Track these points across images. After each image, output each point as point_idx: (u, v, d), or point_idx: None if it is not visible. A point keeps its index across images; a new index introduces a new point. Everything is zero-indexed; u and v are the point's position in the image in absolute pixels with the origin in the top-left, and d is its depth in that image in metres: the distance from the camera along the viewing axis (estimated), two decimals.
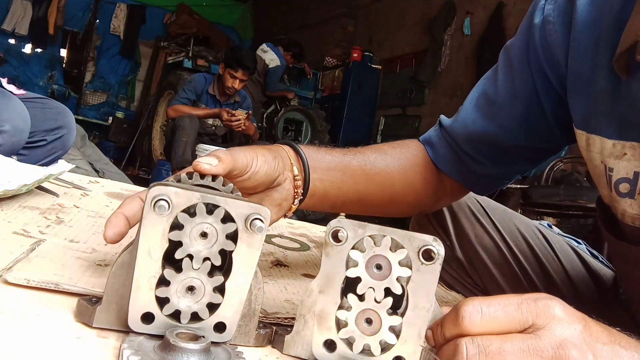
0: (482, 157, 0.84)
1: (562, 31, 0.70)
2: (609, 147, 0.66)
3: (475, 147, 0.83)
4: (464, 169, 0.86)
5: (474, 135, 0.82)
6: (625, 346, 0.44)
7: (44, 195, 0.96)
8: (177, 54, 7.03)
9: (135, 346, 0.41)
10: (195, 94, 4.51)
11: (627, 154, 0.65)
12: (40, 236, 0.69)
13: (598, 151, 0.68)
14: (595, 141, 0.68)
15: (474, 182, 0.89)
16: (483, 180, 0.88)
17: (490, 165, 0.85)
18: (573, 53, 0.69)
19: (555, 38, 0.71)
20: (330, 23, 8.56)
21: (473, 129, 0.82)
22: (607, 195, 0.71)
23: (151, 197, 0.42)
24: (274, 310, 0.59)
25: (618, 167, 0.66)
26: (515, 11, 5.54)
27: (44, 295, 0.50)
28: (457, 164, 0.86)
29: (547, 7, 0.72)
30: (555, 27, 0.71)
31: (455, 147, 0.85)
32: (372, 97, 7.63)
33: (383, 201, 0.82)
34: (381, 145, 0.86)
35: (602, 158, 0.68)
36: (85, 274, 0.57)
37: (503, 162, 0.85)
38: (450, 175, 0.87)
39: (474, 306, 0.42)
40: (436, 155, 0.87)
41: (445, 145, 0.86)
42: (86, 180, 1.27)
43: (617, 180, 0.67)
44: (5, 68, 8.40)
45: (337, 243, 0.46)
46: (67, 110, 1.85)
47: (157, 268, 0.44)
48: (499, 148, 0.83)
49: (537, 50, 0.74)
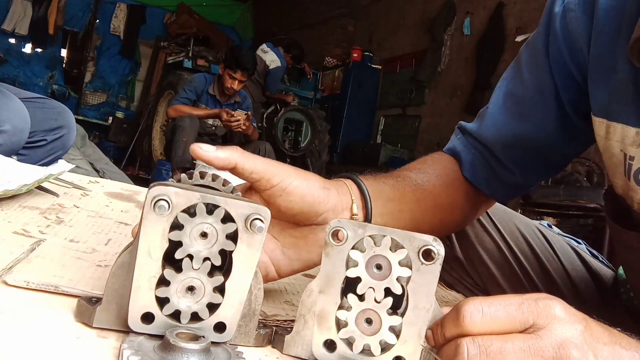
0: (514, 164, 0.81)
1: (584, 19, 0.69)
2: (631, 135, 0.65)
3: (508, 153, 0.81)
4: (493, 177, 0.83)
5: (508, 138, 0.80)
6: (626, 346, 0.44)
7: (44, 195, 0.96)
8: (177, 54, 7.03)
9: (135, 346, 0.41)
10: (195, 94, 4.51)
11: None
12: (40, 236, 0.69)
13: (619, 139, 0.67)
14: (617, 129, 0.67)
15: (501, 192, 0.86)
16: (508, 190, 0.86)
17: (519, 173, 0.82)
18: (595, 40, 0.68)
19: (576, 26, 0.70)
20: (330, 23, 8.56)
21: (505, 131, 0.80)
22: (623, 186, 0.70)
23: (151, 197, 0.42)
24: (273, 313, 0.59)
25: (639, 156, 0.65)
26: (515, 11, 5.54)
27: (44, 295, 0.50)
28: (486, 172, 0.83)
29: None
30: (577, 14, 0.70)
31: (486, 154, 0.82)
32: (372, 97, 7.64)
33: (435, 224, 0.77)
34: (416, 164, 0.82)
35: (623, 146, 0.67)
36: (86, 274, 0.57)
37: (532, 169, 0.83)
38: (479, 185, 0.84)
39: (474, 306, 0.42)
40: (464, 164, 0.84)
41: (473, 152, 0.83)
42: (86, 180, 1.27)
43: (638, 169, 0.66)
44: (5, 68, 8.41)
45: (337, 243, 0.46)
46: (67, 110, 1.85)
47: (157, 268, 0.44)
48: (532, 152, 0.80)
49: (557, 39, 0.73)
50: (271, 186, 0.55)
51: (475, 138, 0.84)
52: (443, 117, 6.43)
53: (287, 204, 0.56)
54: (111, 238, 0.76)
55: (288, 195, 0.55)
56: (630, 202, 0.69)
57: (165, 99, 6.33)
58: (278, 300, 0.65)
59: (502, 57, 5.66)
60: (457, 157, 0.85)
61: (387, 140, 7.23)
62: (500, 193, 0.86)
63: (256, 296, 0.48)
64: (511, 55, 5.64)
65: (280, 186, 0.55)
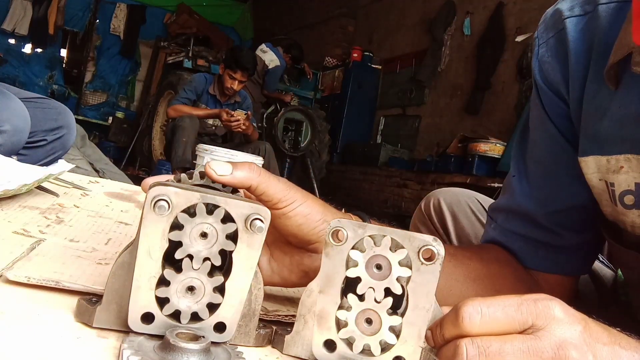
0: (559, 225, 0.76)
1: (559, 68, 0.73)
2: (604, 163, 0.67)
3: (551, 217, 0.76)
4: (546, 252, 0.77)
5: (546, 201, 0.76)
6: (625, 347, 0.44)
7: (44, 195, 0.96)
8: (177, 54, 7.03)
9: (135, 346, 0.41)
10: (195, 94, 4.52)
11: (623, 167, 0.66)
12: (41, 236, 0.69)
13: (594, 171, 0.69)
14: (588, 162, 0.69)
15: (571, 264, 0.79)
16: (579, 254, 0.79)
17: (570, 234, 0.77)
18: (572, 83, 0.71)
19: (554, 76, 0.74)
20: (330, 23, 8.56)
21: (541, 195, 0.77)
22: (611, 212, 0.71)
23: (151, 197, 0.42)
24: (274, 308, 0.59)
25: (619, 181, 0.67)
26: (515, 11, 5.54)
27: (44, 295, 0.50)
28: (537, 251, 0.78)
29: (540, 50, 0.75)
30: (551, 65, 0.74)
31: (527, 227, 0.78)
32: (372, 97, 7.64)
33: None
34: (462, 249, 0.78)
35: (601, 176, 0.69)
36: (86, 272, 0.57)
37: (581, 225, 0.77)
38: (545, 270, 0.78)
39: (473, 307, 0.42)
40: (519, 254, 0.78)
41: (516, 238, 0.78)
42: (86, 180, 1.27)
43: (621, 193, 0.67)
44: (5, 68, 8.41)
45: (337, 243, 0.46)
46: (67, 110, 1.85)
47: (157, 268, 0.44)
48: (575, 207, 0.76)
49: (544, 90, 0.75)
50: (277, 208, 0.54)
51: (513, 213, 0.80)
52: (443, 117, 6.44)
53: (283, 226, 0.56)
54: (111, 238, 0.76)
55: (287, 219, 0.55)
56: (623, 225, 0.70)
57: (165, 99, 6.33)
58: (278, 297, 0.66)
59: (502, 57, 5.67)
60: (505, 248, 0.80)
61: (387, 140, 7.23)
62: (569, 266, 0.79)
63: (256, 296, 0.48)
64: (511, 55, 5.66)
65: (284, 210, 0.55)
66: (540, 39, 0.76)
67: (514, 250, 0.79)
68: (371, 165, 6.74)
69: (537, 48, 0.76)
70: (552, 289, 0.78)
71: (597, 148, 0.68)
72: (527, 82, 5.23)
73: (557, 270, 0.79)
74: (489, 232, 0.83)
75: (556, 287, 0.78)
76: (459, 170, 5.27)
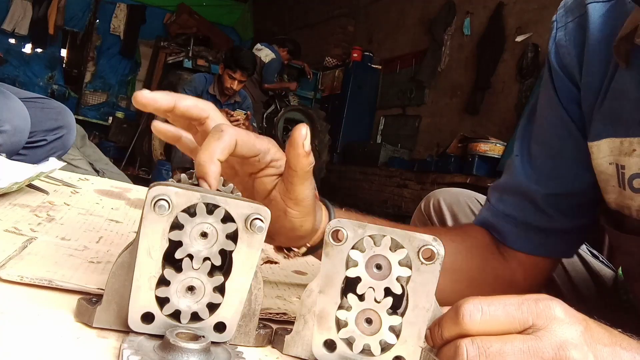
0: (556, 210, 0.78)
1: (576, 52, 0.73)
2: (617, 145, 0.68)
3: (549, 199, 0.77)
4: (536, 235, 0.79)
5: (547, 183, 0.77)
6: (626, 347, 0.44)
7: (34, 193, 0.95)
8: (177, 54, 7.03)
9: (135, 346, 0.41)
10: (195, 94, 4.52)
11: (636, 150, 0.66)
12: (32, 234, 0.69)
13: (606, 154, 0.69)
14: (601, 146, 0.70)
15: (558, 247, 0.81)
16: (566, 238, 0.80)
17: (565, 218, 0.78)
18: (586, 69, 0.72)
19: (570, 60, 0.74)
20: (330, 23, 8.56)
21: (543, 177, 0.78)
22: (616, 199, 0.71)
23: (151, 197, 0.42)
24: (265, 306, 0.59)
25: (630, 164, 0.67)
26: (515, 11, 5.54)
27: (44, 295, 0.50)
28: (527, 234, 0.79)
29: (558, 34, 0.76)
30: (568, 49, 0.74)
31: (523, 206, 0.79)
32: (372, 97, 7.64)
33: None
34: (439, 230, 0.80)
35: (612, 159, 0.69)
36: (78, 270, 0.57)
37: (579, 211, 0.78)
38: (532, 251, 0.79)
39: (474, 305, 0.42)
40: (508, 236, 0.80)
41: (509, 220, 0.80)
42: (76, 177, 1.26)
43: (631, 177, 0.67)
44: (5, 68, 8.41)
45: (337, 243, 0.46)
46: (67, 110, 1.85)
47: (157, 268, 0.44)
48: (576, 193, 0.77)
49: (558, 73, 0.76)
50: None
51: (508, 192, 0.81)
52: (443, 117, 6.44)
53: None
54: (102, 236, 0.76)
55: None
56: (628, 211, 0.70)
57: None
58: (269, 295, 0.65)
59: (502, 57, 5.67)
60: (493, 229, 0.81)
61: (387, 140, 7.23)
62: (556, 249, 0.81)
63: (256, 296, 0.48)
64: (511, 55, 5.66)
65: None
66: (559, 22, 0.76)
67: (503, 232, 0.80)
68: (371, 165, 6.74)
69: (554, 31, 0.76)
70: (525, 270, 0.80)
71: (612, 130, 0.68)
72: (527, 82, 5.23)
73: (540, 252, 0.80)
74: (482, 213, 0.85)
75: (531, 268, 0.80)
76: (459, 170, 5.27)
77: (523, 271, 0.80)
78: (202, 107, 0.54)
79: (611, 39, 0.68)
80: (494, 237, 0.81)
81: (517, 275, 0.80)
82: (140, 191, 1.26)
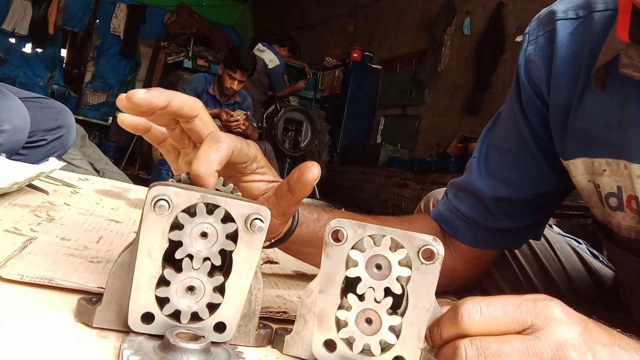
0: (503, 213, 0.82)
1: (544, 67, 0.74)
2: (589, 165, 0.70)
3: (498, 204, 0.82)
4: (484, 232, 0.83)
5: (498, 189, 0.81)
6: (625, 348, 0.44)
7: (34, 193, 0.95)
8: (177, 54, 7.02)
9: (135, 346, 0.41)
10: (195, 94, 4.51)
11: (606, 170, 0.68)
12: (32, 234, 0.69)
13: (582, 172, 0.71)
14: (577, 164, 0.72)
15: (504, 242, 0.86)
16: (512, 234, 0.85)
17: (513, 220, 0.82)
18: (554, 86, 0.73)
19: (537, 76, 0.75)
20: (330, 23, 8.57)
21: (494, 183, 0.81)
22: (601, 214, 0.73)
23: (151, 197, 0.42)
24: (265, 305, 0.59)
25: (603, 183, 0.69)
26: (515, 11, 5.54)
27: (44, 295, 0.50)
28: (476, 230, 0.83)
29: (529, 47, 0.77)
30: (537, 64, 0.75)
31: (474, 205, 0.83)
32: (372, 97, 7.64)
33: None
34: (390, 218, 0.83)
35: (589, 177, 0.71)
36: (78, 270, 0.57)
37: (526, 214, 0.83)
38: (477, 245, 0.84)
39: (473, 305, 0.42)
40: (459, 231, 0.84)
41: (459, 217, 0.84)
42: (76, 177, 1.26)
43: (606, 195, 0.69)
44: (5, 68, 8.41)
45: (337, 243, 0.46)
46: (67, 110, 1.85)
47: (157, 268, 0.44)
48: (527, 199, 0.81)
49: (525, 87, 0.77)
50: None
51: (463, 190, 0.85)
52: (443, 117, 6.44)
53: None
54: (102, 236, 0.76)
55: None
56: (611, 226, 0.72)
57: None
58: (269, 294, 0.66)
59: (502, 57, 5.67)
60: (445, 223, 0.86)
61: (387, 140, 7.23)
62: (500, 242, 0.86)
63: (256, 296, 0.48)
64: (511, 55, 5.66)
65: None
66: (531, 36, 0.78)
67: (454, 226, 0.84)
68: (371, 165, 6.74)
69: (525, 44, 0.78)
70: (467, 262, 0.85)
71: (584, 151, 0.70)
72: None
73: (486, 246, 0.85)
74: (438, 207, 0.88)
75: (473, 260, 0.85)
76: (459, 170, 5.26)
77: (464, 263, 0.85)
78: (192, 106, 0.54)
79: (579, 58, 0.69)
80: (442, 229, 0.86)
81: (458, 266, 0.85)
82: (140, 191, 1.26)
